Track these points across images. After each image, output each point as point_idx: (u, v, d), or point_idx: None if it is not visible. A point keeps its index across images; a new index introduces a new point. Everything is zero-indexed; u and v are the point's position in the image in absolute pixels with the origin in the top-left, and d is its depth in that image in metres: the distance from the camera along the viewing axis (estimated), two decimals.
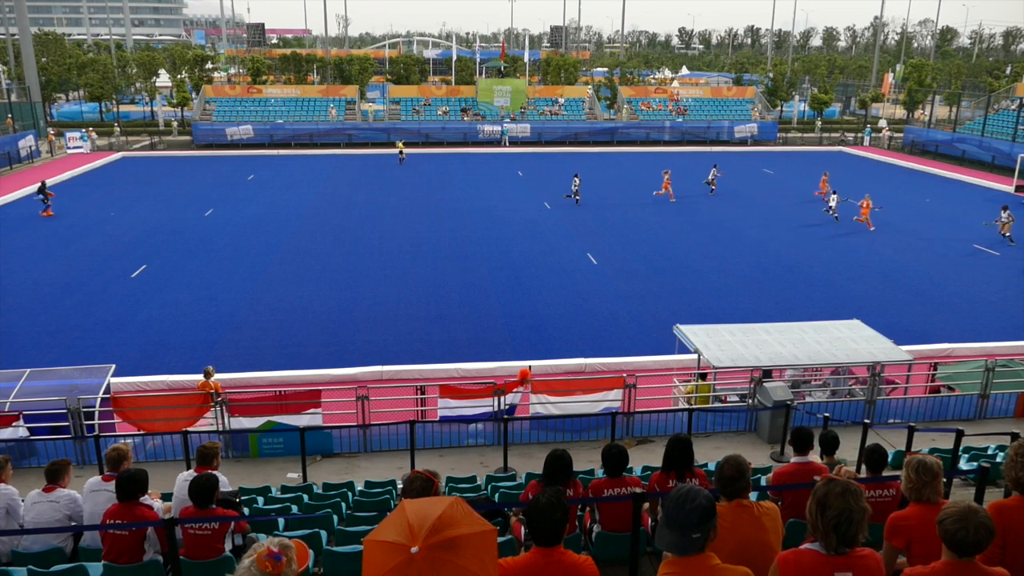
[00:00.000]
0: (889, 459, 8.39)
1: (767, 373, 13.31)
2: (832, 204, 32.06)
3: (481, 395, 13.21)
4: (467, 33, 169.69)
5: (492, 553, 3.34)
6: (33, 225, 29.77)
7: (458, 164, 45.69)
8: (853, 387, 14.41)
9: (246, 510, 7.79)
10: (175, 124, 58.24)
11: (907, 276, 23.97)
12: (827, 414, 11.16)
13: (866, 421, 10.75)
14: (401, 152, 46.56)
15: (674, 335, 15.07)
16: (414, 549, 3.13)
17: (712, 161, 42.25)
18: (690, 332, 14.47)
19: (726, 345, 13.69)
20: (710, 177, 38.25)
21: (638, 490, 6.49)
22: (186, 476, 7.12)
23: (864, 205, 30.71)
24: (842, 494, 3.58)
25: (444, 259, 25.49)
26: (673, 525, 3.46)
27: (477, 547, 3.27)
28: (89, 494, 7.01)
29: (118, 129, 55.12)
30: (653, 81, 78.87)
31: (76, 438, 12.10)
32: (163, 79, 66.26)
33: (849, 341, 13.82)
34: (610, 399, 13.40)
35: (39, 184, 32.51)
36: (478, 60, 75.25)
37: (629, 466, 6.93)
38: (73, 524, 6.89)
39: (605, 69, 78.74)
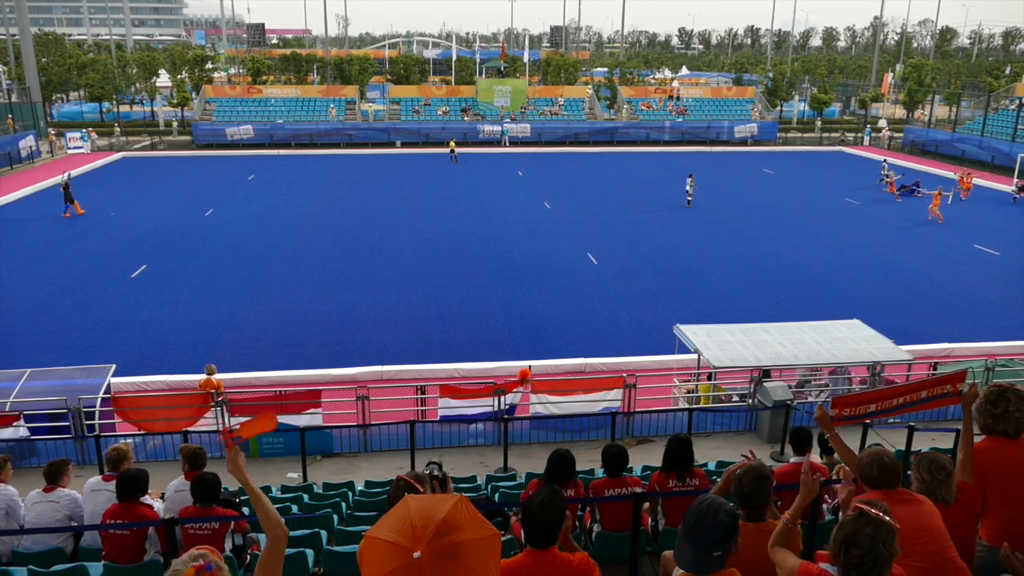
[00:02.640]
0: None
1: (767, 373, 13.32)
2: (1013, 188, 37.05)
3: (481, 395, 13.22)
4: (467, 33, 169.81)
5: (496, 559, 3.31)
6: (34, 225, 29.78)
7: (458, 164, 45.68)
8: (853, 387, 14.41)
9: (246, 510, 7.79)
10: (175, 124, 58.25)
11: (907, 276, 23.97)
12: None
13: (866, 421, 10.75)
14: (453, 151, 46.36)
15: (674, 335, 15.09)
16: (416, 554, 3.09)
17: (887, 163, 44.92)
18: (690, 332, 14.48)
19: (726, 345, 13.70)
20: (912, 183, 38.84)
21: (638, 490, 6.50)
22: (176, 485, 7.04)
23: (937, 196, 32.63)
24: (872, 536, 3.29)
25: (444, 259, 25.49)
26: (694, 542, 3.28)
27: (481, 553, 3.25)
28: (89, 494, 7.00)
29: (118, 129, 55.15)
30: (653, 81, 78.88)
31: (76, 438, 12.11)
32: (163, 79, 66.26)
33: (849, 341, 13.82)
34: (610, 399, 13.41)
35: (63, 181, 31.63)
36: (478, 60, 75.23)
37: (629, 466, 6.94)
38: (73, 524, 6.88)
39: (605, 69, 78.75)
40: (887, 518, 3.32)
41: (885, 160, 43.74)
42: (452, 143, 47.14)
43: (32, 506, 6.84)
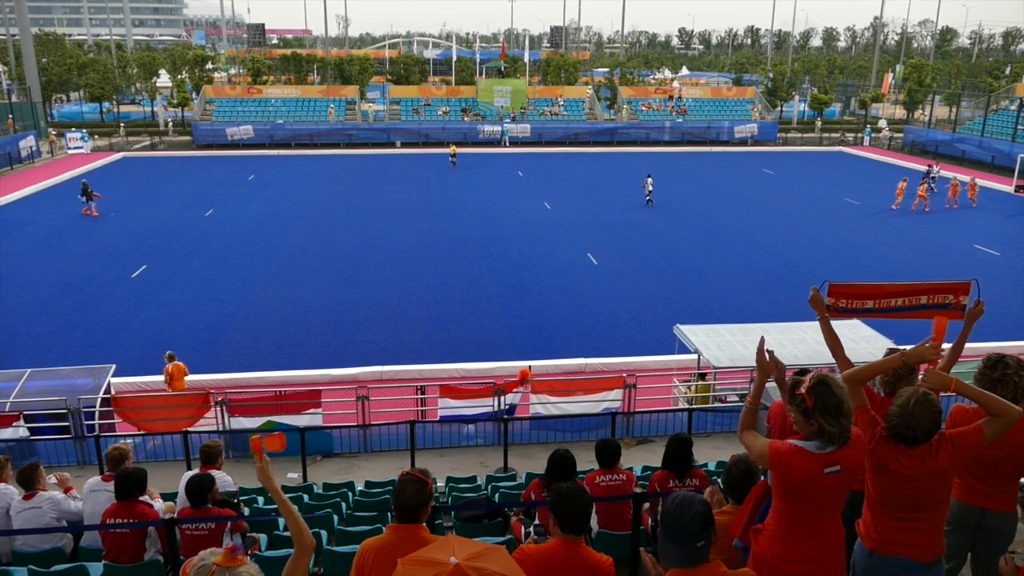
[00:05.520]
0: None
1: None
2: None
3: (481, 395, 13.22)
4: (467, 33, 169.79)
5: None
6: (34, 225, 29.78)
7: (458, 164, 45.68)
8: None
9: (246, 510, 7.79)
10: (170, 124, 58.16)
11: (907, 276, 23.94)
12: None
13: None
14: (453, 154, 45.62)
15: (674, 335, 15.09)
16: (453, 559, 3.10)
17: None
18: (690, 332, 14.49)
19: (726, 345, 13.71)
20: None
21: (625, 477, 6.57)
22: (190, 476, 7.11)
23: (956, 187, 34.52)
24: (825, 382, 3.77)
25: (444, 259, 25.49)
26: (676, 539, 3.37)
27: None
28: (89, 494, 6.99)
29: (123, 129, 55.37)
30: (653, 81, 78.89)
31: (76, 438, 12.11)
32: (163, 79, 66.28)
33: (849, 341, 13.67)
34: (610, 399, 13.41)
35: (81, 186, 31.96)
36: (478, 60, 75.25)
37: (629, 466, 6.96)
38: (65, 524, 6.87)
39: (605, 69, 78.82)
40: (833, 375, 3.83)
41: (934, 167, 38.99)
42: (453, 147, 46.84)
43: (17, 515, 6.80)
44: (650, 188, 34.23)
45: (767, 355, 4.30)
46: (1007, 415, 3.84)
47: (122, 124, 56.78)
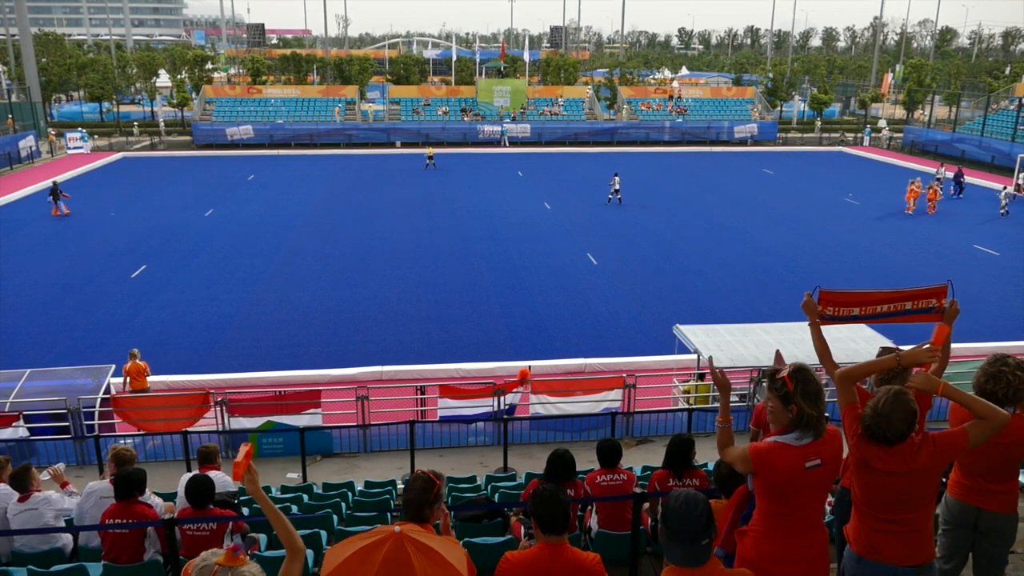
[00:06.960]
0: None
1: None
2: None
3: (481, 395, 13.22)
4: (467, 33, 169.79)
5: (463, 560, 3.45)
6: (34, 225, 29.78)
7: (458, 164, 45.70)
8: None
9: (246, 510, 7.79)
10: (162, 124, 58.14)
11: (907, 276, 23.94)
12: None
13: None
14: (431, 157, 44.62)
15: (674, 335, 15.09)
16: (397, 528, 3.22)
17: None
18: (690, 332, 14.50)
19: (726, 345, 13.72)
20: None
21: (626, 477, 6.58)
22: (189, 477, 7.11)
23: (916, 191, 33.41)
24: (806, 373, 3.91)
25: (444, 259, 25.49)
26: (681, 537, 3.33)
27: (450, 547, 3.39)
28: (99, 500, 6.95)
29: (137, 129, 55.73)
30: (653, 81, 78.86)
31: (76, 438, 12.11)
32: (163, 79, 66.30)
33: (849, 341, 13.82)
34: (610, 399, 13.42)
35: (51, 186, 32.23)
36: (478, 60, 75.23)
37: (629, 466, 6.97)
38: (64, 523, 6.85)
39: (605, 69, 78.79)
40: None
41: (941, 168, 39.62)
42: (430, 149, 45.83)
43: (14, 518, 6.79)
44: (617, 187, 34.26)
45: (719, 372, 4.32)
46: (994, 419, 3.80)
47: (136, 124, 57.15)
